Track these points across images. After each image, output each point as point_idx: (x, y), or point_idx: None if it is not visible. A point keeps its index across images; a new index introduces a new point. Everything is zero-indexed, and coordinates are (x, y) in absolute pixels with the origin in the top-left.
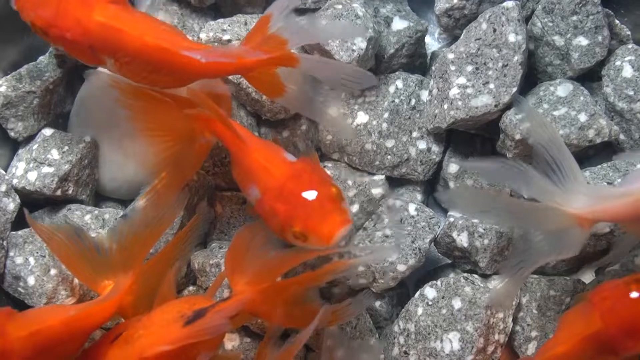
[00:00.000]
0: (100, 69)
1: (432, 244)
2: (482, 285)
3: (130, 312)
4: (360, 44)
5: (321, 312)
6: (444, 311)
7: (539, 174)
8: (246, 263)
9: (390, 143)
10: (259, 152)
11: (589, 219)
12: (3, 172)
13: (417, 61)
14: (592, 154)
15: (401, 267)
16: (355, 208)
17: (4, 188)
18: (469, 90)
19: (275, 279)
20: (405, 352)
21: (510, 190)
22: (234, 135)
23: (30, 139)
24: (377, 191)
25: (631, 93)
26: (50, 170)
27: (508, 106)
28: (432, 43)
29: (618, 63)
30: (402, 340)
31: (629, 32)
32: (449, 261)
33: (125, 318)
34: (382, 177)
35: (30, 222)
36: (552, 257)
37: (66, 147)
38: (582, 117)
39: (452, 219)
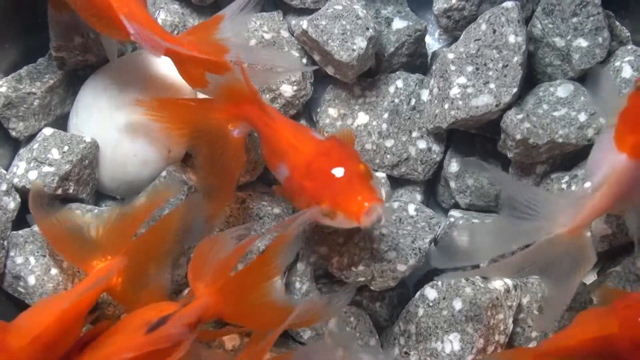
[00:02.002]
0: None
1: (432, 244)
2: (482, 285)
3: (120, 293)
4: (361, 43)
5: (295, 311)
6: (444, 312)
7: (512, 221)
8: (205, 269)
9: (389, 143)
10: (288, 130)
11: (580, 227)
12: (4, 171)
13: (417, 61)
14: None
15: (401, 267)
16: None
17: (4, 187)
18: (470, 90)
19: (228, 275)
20: (406, 353)
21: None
22: (264, 112)
23: (31, 138)
24: None
25: None
26: (51, 169)
27: (509, 106)
28: (432, 44)
29: (618, 64)
30: (402, 341)
31: (628, 34)
32: None
33: (115, 298)
34: (384, 174)
35: (31, 202)
36: (579, 276)
37: (66, 147)
38: (582, 117)
39: (452, 219)
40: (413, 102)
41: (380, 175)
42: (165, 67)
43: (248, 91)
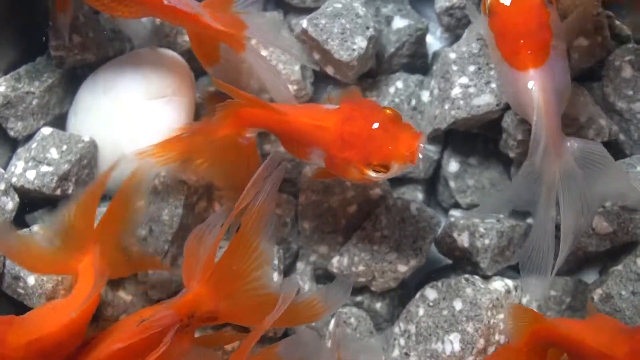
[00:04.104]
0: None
1: (433, 244)
2: (482, 286)
3: (107, 274)
4: (361, 43)
5: (282, 296)
6: (444, 312)
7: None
8: (197, 267)
9: None
10: (304, 115)
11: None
12: (2, 170)
13: (418, 61)
14: None
15: (402, 268)
16: (353, 209)
17: (2, 187)
18: (471, 90)
19: (211, 265)
20: (406, 354)
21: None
22: (272, 112)
23: (29, 137)
24: (375, 192)
25: (630, 93)
26: (50, 169)
27: (509, 105)
28: (433, 43)
29: (618, 63)
30: (402, 341)
31: (629, 33)
32: (450, 262)
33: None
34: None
35: None
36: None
37: (65, 147)
38: (582, 118)
39: (452, 219)
40: (413, 102)
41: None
42: (164, 66)
43: (248, 102)
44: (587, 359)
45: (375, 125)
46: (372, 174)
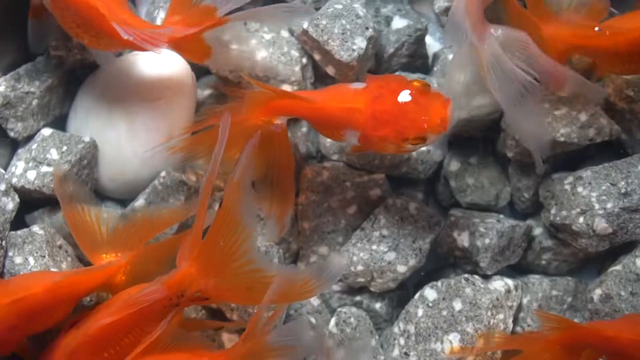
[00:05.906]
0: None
1: (433, 244)
2: (482, 286)
3: (115, 280)
4: (360, 43)
5: (276, 281)
6: (444, 313)
7: None
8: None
9: None
10: (333, 99)
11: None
12: (3, 171)
13: (417, 61)
14: (593, 152)
15: (401, 268)
16: (353, 209)
17: (3, 187)
18: (471, 90)
19: (199, 243)
20: (406, 354)
21: None
22: (301, 101)
23: (29, 138)
24: (375, 192)
25: (631, 93)
26: (50, 169)
27: None
28: (433, 44)
29: None
30: (402, 341)
31: None
32: (450, 262)
33: None
34: (382, 175)
35: (55, 176)
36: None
37: (65, 147)
38: (583, 117)
39: (452, 218)
40: None
41: (378, 176)
42: (163, 66)
43: (277, 95)
44: (627, 355)
45: (405, 99)
46: (410, 146)
